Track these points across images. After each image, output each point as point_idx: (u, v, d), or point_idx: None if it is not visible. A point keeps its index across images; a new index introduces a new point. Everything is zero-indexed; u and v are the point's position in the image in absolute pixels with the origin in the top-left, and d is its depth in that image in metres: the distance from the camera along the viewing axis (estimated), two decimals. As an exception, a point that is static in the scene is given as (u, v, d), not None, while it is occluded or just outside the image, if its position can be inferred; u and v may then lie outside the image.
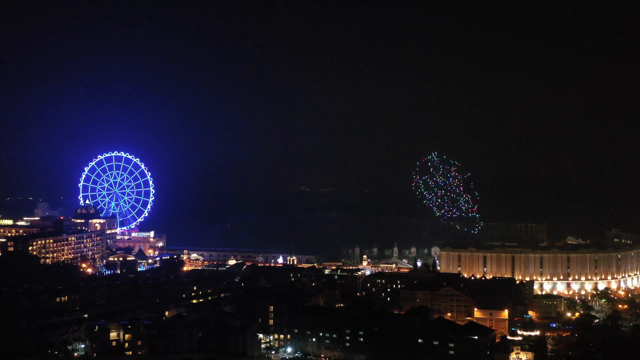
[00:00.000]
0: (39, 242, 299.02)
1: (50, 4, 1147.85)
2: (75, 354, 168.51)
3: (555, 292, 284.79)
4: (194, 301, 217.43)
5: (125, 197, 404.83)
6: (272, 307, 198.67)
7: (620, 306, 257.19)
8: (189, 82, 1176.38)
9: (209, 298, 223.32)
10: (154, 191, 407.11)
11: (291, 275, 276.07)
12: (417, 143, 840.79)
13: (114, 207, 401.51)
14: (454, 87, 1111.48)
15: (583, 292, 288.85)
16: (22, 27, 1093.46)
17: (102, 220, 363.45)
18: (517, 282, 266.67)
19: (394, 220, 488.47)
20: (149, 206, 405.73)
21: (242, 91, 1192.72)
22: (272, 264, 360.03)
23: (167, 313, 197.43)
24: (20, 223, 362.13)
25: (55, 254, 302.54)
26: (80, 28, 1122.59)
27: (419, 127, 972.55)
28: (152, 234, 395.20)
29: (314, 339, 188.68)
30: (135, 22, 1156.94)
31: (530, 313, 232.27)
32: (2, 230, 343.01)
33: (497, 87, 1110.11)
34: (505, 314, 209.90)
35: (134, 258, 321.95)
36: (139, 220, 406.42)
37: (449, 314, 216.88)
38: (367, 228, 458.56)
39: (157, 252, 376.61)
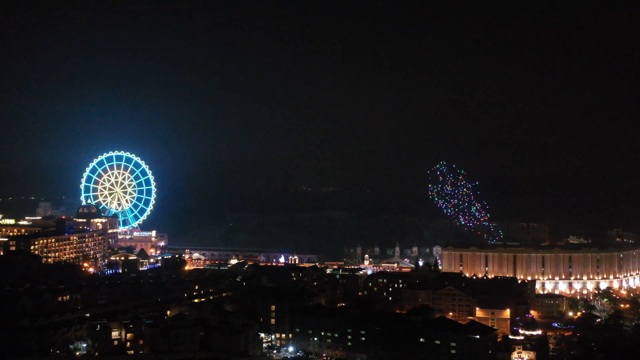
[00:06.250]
0: (41, 241, 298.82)
1: (51, 3, 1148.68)
2: (77, 353, 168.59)
3: (557, 292, 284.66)
4: (196, 300, 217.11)
5: (127, 197, 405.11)
6: (273, 307, 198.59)
7: (622, 305, 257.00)
8: (190, 81, 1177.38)
9: (211, 297, 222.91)
10: (155, 190, 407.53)
11: (293, 274, 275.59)
12: (419, 142, 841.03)
13: (115, 206, 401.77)
14: (455, 86, 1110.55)
15: (585, 292, 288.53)
16: (22, 26, 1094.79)
17: (104, 220, 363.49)
18: (519, 281, 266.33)
19: (396, 219, 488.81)
20: (150, 205, 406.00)
21: (244, 90, 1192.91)
22: (273, 264, 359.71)
23: (168, 312, 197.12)
24: (22, 222, 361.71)
25: (57, 254, 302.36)
26: (79, 27, 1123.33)
27: (421, 127, 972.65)
28: (153, 233, 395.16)
29: (315, 338, 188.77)
30: (136, 20, 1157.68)
31: (532, 312, 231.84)
32: (4, 229, 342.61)
33: (499, 88, 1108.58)
34: (507, 313, 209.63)
35: (135, 257, 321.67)
36: (141, 219, 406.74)
37: (451, 314, 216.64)
38: (368, 227, 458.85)
39: (158, 252, 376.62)
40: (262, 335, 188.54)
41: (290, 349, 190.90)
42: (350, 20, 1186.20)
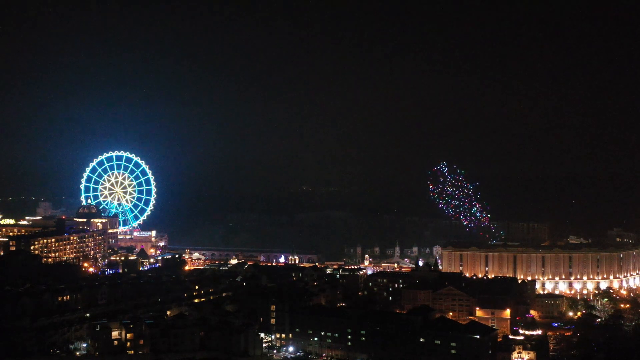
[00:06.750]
0: (41, 241, 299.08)
1: (51, 3, 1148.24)
2: (77, 353, 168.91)
3: (557, 292, 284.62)
4: (196, 300, 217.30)
5: (127, 197, 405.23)
6: (273, 307, 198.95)
7: (622, 305, 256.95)
8: (190, 81, 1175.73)
9: (211, 297, 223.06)
10: (155, 190, 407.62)
11: (293, 274, 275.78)
12: (419, 142, 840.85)
13: (116, 206, 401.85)
14: (456, 86, 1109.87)
15: (585, 292, 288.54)
16: (22, 26, 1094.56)
17: (104, 220, 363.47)
18: (519, 281, 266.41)
19: (396, 219, 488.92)
20: (150, 205, 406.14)
21: (245, 90, 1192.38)
22: (273, 264, 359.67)
23: (168, 312, 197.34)
24: (22, 222, 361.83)
25: (57, 253, 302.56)
26: (79, 27, 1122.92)
27: (421, 127, 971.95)
28: (153, 233, 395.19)
29: (315, 338, 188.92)
30: (136, 20, 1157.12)
31: (532, 312, 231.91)
32: (4, 229, 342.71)
33: (499, 88, 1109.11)
34: (507, 313, 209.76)
35: (135, 257, 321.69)
36: (141, 219, 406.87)
37: (451, 314, 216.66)
38: (369, 227, 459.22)
39: (158, 252, 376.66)
40: (262, 335, 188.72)
41: (290, 349, 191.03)
42: (351, 20, 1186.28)
